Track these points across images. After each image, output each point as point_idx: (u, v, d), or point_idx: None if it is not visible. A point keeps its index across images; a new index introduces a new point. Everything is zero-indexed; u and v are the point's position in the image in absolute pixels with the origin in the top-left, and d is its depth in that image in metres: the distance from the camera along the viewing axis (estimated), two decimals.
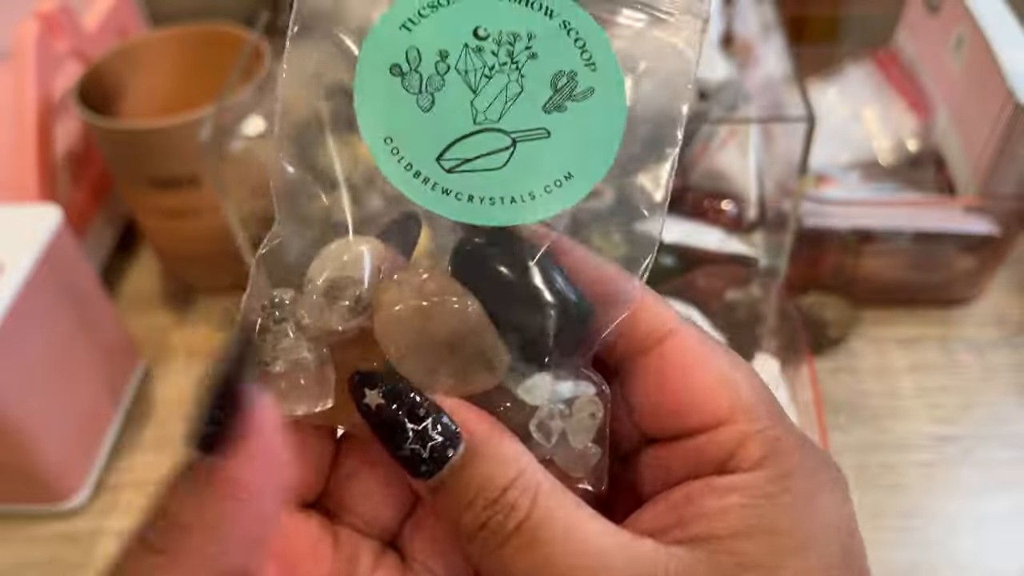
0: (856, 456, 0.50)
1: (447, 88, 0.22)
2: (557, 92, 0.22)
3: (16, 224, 0.48)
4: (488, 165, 0.22)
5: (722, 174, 0.57)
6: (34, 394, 0.46)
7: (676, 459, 0.21)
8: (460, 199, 0.22)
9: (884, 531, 0.47)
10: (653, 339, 0.22)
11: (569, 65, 0.22)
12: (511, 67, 0.22)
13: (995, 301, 0.59)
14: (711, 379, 0.21)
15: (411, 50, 0.21)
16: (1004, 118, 0.51)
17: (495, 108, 0.22)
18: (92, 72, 0.58)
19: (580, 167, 0.22)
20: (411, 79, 0.22)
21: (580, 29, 0.22)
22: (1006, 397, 0.53)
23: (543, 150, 0.22)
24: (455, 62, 0.22)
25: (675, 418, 0.21)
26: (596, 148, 0.22)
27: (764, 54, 0.59)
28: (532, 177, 0.22)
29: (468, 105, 0.22)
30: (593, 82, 0.22)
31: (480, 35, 0.21)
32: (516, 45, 0.22)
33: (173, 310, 0.64)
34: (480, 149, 0.22)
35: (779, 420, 0.21)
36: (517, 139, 0.22)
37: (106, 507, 0.51)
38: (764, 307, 0.53)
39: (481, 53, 0.22)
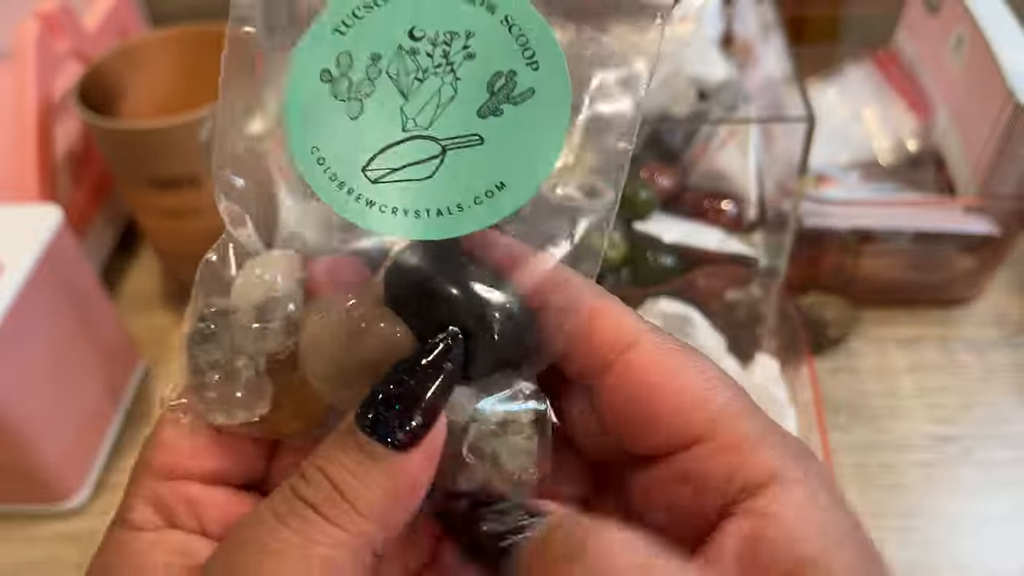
0: (856, 456, 0.51)
1: (376, 93, 0.20)
2: (494, 95, 0.20)
3: (16, 224, 0.48)
4: (415, 175, 0.20)
5: (722, 174, 0.57)
6: (34, 394, 0.46)
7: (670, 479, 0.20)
8: (384, 211, 0.21)
9: (884, 531, 0.47)
10: (614, 353, 0.20)
11: (508, 64, 0.20)
12: (446, 69, 0.20)
13: (995, 301, 0.59)
14: (683, 396, 0.20)
15: (343, 55, 0.20)
16: (1004, 118, 0.51)
17: (426, 114, 0.20)
18: (92, 72, 0.59)
19: (514, 176, 0.20)
20: (340, 85, 0.20)
21: (523, 24, 0.20)
22: (1006, 397, 0.53)
23: (474, 158, 0.20)
24: (386, 65, 0.20)
25: (650, 437, 0.20)
26: (533, 155, 0.20)
27: (764, 54, 0.59)
28: (460, 187, 0.20)
29: (398, 111, 0.20)
30: (534, 82, 0.20)
31: (415, 35, 0.20)
32: (453, 45, 0.20)
33: (173, 310, 0.64)
34: (408, 158, 0.20)
35: (757, 418, 0.20)
36: (447, 147, 0.20)
37: (106, 507, 0.51)
38: (764, 307, 0.53)
39: (416, 55, 0.20)
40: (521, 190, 0.21)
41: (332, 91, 0.20)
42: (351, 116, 0.20)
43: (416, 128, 0.20)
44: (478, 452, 0.20)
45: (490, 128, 0.20)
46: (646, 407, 0.20)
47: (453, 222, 0.21)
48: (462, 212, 0.20)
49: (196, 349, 0.21)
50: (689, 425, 0.20)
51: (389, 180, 0.21)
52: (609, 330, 0.20)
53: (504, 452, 0.21)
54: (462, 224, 0.21)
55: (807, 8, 0.72)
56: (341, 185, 0.21)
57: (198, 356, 0.21)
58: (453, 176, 0.20)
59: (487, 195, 0.20)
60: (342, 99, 0.20)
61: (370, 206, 0.21)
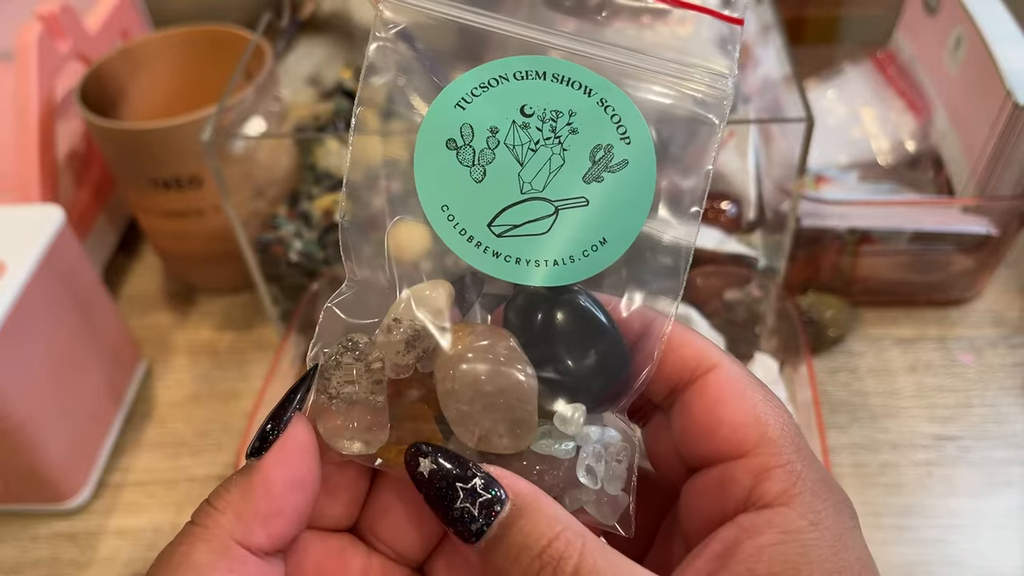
0: (855, 455, 0.51)
1: (497, 160, 0.24)
2: (595, 164, 0.24)
3: (18, 224, 0.48)
4: (534, 231, 0.24)
5: (721, 174, 0.57)
6: (36, 394, 0.47)
7: (707, 487, 0.23)
8: (509, 261, 0.24)
9: (883, 530, 0.47)
10: (698, 373, 0.23)
11: (606, 139, 0.24)
12: (554, 141, 0.24)
13: (993, 301, 0.59)
14: (743, 411, 0.22)
15: (464, 126, 0.24)
16: (1002, 118, 0.51)
17: (540, 178, 0.24)
18: (94, 73, 0.59)
19: (614, 232, 0.24)
20: (465, 153, 0.24)
21: (616, 106, 0.24)
22: (1004, 397, 0.53)
23: (582, 217, 0.24)
24: (504, 137, 0.24)
25: (704, 444, 0.23)
26: (628, 215, 0.24)
27: (763, 55, 0.59)
28: (571, 242, 0.24)
29: (516, 176, 0.24)
30: (627, 154, 0.24)
31: (526, 112, 0.24)
32: (559, 121, 0.24)
33: (174, 310, 0.64)
34: (527, 216, 0.24)
35: (803, 456, 0.22)
36: (559, 207, 0.24)
37: (107, 506, 0.51)
38: (763, 307, 0.53)
39: (527, 129, 0.24)
40: (619, 245, 0.24)
41: (458, 157, 0.24)
42: (476, 180, 0.24)
43: (532, 191, 0.24)
44: (592, 473, 0.23)
45: (593, 192, 0.24)
46: (712, 416, 0.23)
47: (567, 271, 0.24)
48: (575, 263, 0.24)
49: (328, 373, 0.23)
50: (742, 439, 0.22)
51: (512, 235, 0.24)
52: (697, 354, 0.24)
53: (606, 476, 0.23)
54: (574, 274, 0.24)
55: (806, 9, 0.72)
56: (470, 239, 0.24)
57: (329, 380, 0.23)
58: (565, 232, 0.24)
59: (592, 249, 0.24)
60: (466, 165, 0.24)
61: (496, 256, 0.24)
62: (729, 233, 0.56)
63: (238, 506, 0.21)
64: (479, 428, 0.22)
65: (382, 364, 0.23)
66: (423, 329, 0.23)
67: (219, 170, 0.49)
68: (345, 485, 0.24)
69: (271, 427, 0.22)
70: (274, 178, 0.58)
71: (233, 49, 0.59)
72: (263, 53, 0.57)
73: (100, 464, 0.53)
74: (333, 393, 0.23)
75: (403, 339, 0.23)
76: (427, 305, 0.23)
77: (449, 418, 0.23)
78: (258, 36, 0.57)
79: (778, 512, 0.21)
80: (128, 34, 0.68)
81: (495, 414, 0.22)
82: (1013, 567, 0.45)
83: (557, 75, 0.24)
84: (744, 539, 0.20)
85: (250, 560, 0.21)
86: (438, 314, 0.23)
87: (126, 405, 0.56)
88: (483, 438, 0.22)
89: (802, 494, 0.21)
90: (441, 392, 0.23)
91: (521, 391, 0.22)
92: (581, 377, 0.23)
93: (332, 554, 0.24)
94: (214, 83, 0.59)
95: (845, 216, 0.55)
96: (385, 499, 0.24)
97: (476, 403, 0.22)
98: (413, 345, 0.23)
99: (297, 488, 0.22)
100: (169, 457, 0.54)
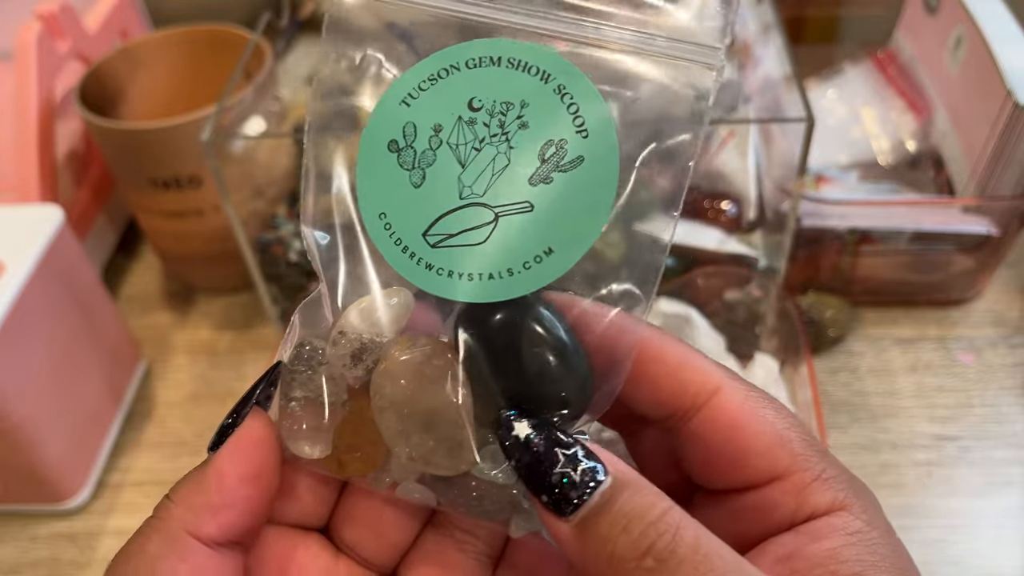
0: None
1: (438, 163, 0.22)
2: (544, 163, 0.21)
3: (18, 224, 0.48)
4: (470, 240, 0.22)
5: (721, 174, 0.57)
6: (35, 394, 0.46)
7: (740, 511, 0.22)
8: (441, 274, 0.22)
9: None
10: (702, 398, 0.22)
11: (559, 133, 0.21)
12: (500, 138, 0.22)
13: (993, 301, 0.59)
14: (765, 434, 0.22)
15: (408, 126, 0.22)
16: (1003, 118, 0.51)
17: (481, 182, 0.22)
18: (93, 73, 0.59)
19: (562, 241, 0.21)
20: (406, 155, 0.22)
21: (575, 93, 0.21)
22: (1004, 397, 0.53)
23: (525, 224, 0.21)
24: (447, 136, 0.22)
25: (732, 475, 0.22)
26: (581, 221, 0.21)
27: (763, 55, 0.59)
28: (512, 253, 0.21)
29: (455, 179, 0.22)
30: (583, 150, 0.21)
31: (474, 106, 0.22)
32: (508, 115, 0.21)
33: (174, 310, 0.64)
34: (463, 224, 0.22)
35: (829, 459, 0.22)
36: (500, 213, 0.21)
37: (107, 507, 0.51)
38: (763, 307, 0.53)
39: (473, 126, 0.22)
40: (567, 256, 0.21)
41: (399, 160, 0.22)
42: (415, 184, 0.22)
43: (472, 195, 0.22)
44: None
45: (540, 195, 0.21)
46: (736, 447, 0.22)
47: (504, 286, 0.21)
48: (512, 277, 0.21)
49: (288, 377, 0.22)
50: (774, 462, 0.21)
51: (447, 245, 0.22)
52: (698, 378, 0.22)
53: None
54: (512, 288, 0.21)
55: (806, 8, 0.72)
56: (405, 249, 0.22)
57: (289, 383, 0.22)
58: (505, 242, 0.21)
59: (536, 260, 0.21)
60: (407, 168, 0.22)
61: (429, 269, 0.22)
62: (729, 233, 0.56)
63: (191, 498, 0.21)
64: (414, 448, 0.21)
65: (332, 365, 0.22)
66: (369, 342, 0.22)
67: (218, 170, 0.49)
68: (311, 485, 0.24)
69: (230, 421, 0.22)
70: (274, 178, 0.58)
71: (233, 49, 0.59)
72: (263, 53, 0.57)
73: (99, 464, 0.53)
74: (291, 396, 0.22)
75: (348, 352, 0.22)
76: (370, 317, 0.22)
77: (384, 436, 0.22)
78: (258, 36, 0.57)
79: (837, 517, 0.21)
80: (127, 34, 0.68)
81: (429, 434, 0.21)
82: (1014, 567, 0.45)
83: (513, 60, 0.21)
84: (808, 543, 0.20)
85: (201, 551, 0.21)
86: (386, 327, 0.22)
87: (125, 405, 0.56)
88: (421, 458, 0.21)
89: (848, 497, 0.21)
90: (375, 409, 0.22)
91: (452, 411, 0.21)
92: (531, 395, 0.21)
93: (296, 551, 0.24)
94: (214, 83, 0.59)
95: (845, 216, 0.55)
96: (352, 503, 0.24)
97: (407, 422, 0.21)
98: (360, 358, 0.22)
99: (250, 481, 0.22)
100: (169, 457, 0.54)
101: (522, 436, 0.20)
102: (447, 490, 0.22)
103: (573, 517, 0.20)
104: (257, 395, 0.22)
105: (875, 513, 0.21)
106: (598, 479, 0.20)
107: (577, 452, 0.20)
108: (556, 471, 0.20)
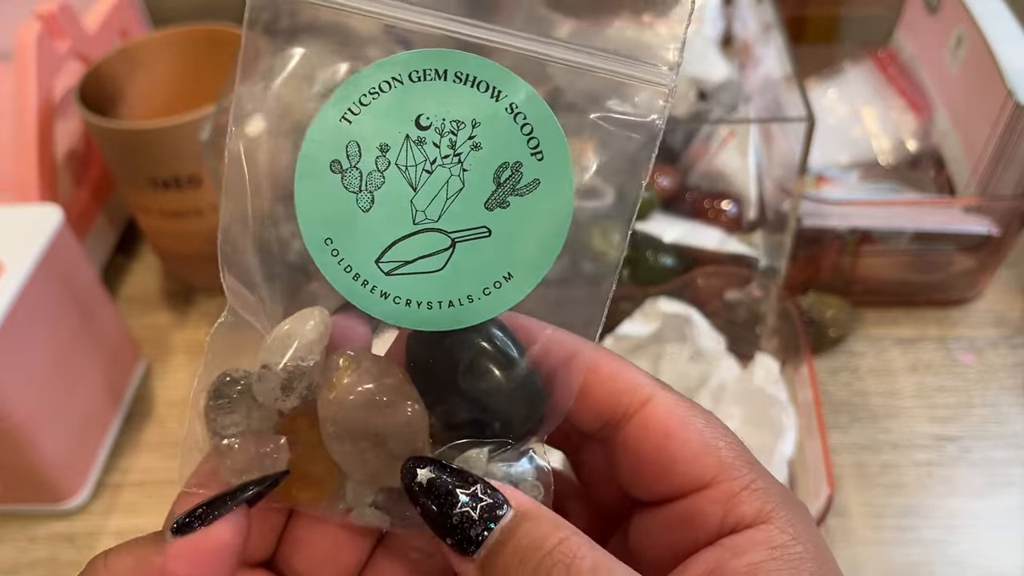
0: (856, 456, 0.51)
1: (387, 185, 0.20)
2: (500, 187, 0.21)
3: (17, 224, 0.48)
4: (426, 268, 0.21)
5: (722, 174, 0.57)
6: (35, 394, 0.46)
7: (670, 522, 0.22)
8: (398, 303, 0.21)
9: (883, 531, 0.47)
10: (633, 407, 0.22)
11: (514, 155, 0.20)
12: (453, 160, 0.20)
13: (994, 301, 0.59)
14: (693, 442, 0.21)
15: (351, 144, 0.20)
16: (1003, 118, 0.51)
17: (435, 206, 0.21)
18: (93, 72, 0.59)
19: (520, 266, 0.21)
20: (351, 176, 0.20)
21: (528, 112, 0.20)
22: (1005, 397, 0.53)
23: (482, 250, 0.21)
24: (396, 156, 0.20)
25: (660, 483, 0.22)
26: (538, 245, 0.21)
27: (764, 54, 0.59)
28: (470, 279, 0.21)
29: (408, 203, 0.21)
30: (539, 173, 0.20)
31: (422, 124, 0.20)
32: (459, 135, 0.20)
33: (173, 310, 0.64)
34: (419, 251, 0.21)
35: (759, 470, 0.22)
36: (456, 239, 0.21)
37: (106, 507, 0.51)
38: (764, 307, 0.53)
39: (423, 145, 0.20)
40: (527, 280, 0.21)
41: (343, 182, 0.21)
42: (363, 208, 0.21)
43: (426, 221, 0.21)
44: None
45: (497, 220, 0.21)
46: (664, 454, 0.22)
47: (463, 313, 0.21)
48: (472, 303, 0.21)
49: (214, 413, 0.21)
50: (701, 470, 0.21)
51: (402, 273, 0.21)
52: (628, 389, 0.22)
53: None
54: (472, 315, 0.21)
55: (807, 8, 0.72)
56: (356, 277, 0.21)
57: (216, 420, 0.21)
58: (463, 268, 0.21)
59: (495, 286, 0.21)
60: (352, 191, 0.21)
61: (385, 297, 0.21)
62: (730, 233, 0.56)
63: None
64: (371, 466, 0.21)
65: (264, 401, 0.21)
66: (295, 369, 0.21)
67: (218, 170, 0.49)
68: (258, 517, 0.22)
69: (202, 512, 0.20)
70: None
71: (232, 48, 0.59)
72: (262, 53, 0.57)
73: (99, 464, 0.52)
74: (222, 432, 0.21)
75: (276, 386, 0.21)
76: (290, 345, 0.21)
77: (339, 462, 0.21)
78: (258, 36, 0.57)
79: (760, 530, 0.20)
80: (127, 33, 0.68)
81: (386, 452, 0.21)
82: (1014, 567, 0.45)
83: (460, 74, 0.20)
84: (730, 559, 0.20)
85: None
86: (309, 350, 0.21)
87: (125, 405, 0.56)
88: (378, 474, 0.21)
89: (776, 509, 0.21)
90: (324, 435, 0.21)
91: (408, 432, 0.21)
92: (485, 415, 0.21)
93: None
94: (213, 82, 0.59)
95: (846, 216, 0.55)
96: (299, 532, 0.23)
97: (362, 443, 0.21)
98: (291, 387, 0.21)
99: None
100: (168, 457, 0.54)
101: (424, 481, 0.20)
102: (401, 509, 0.22)
103: (477, 556, 0.20)
104: (248, 496, 0.21)
105: (803, 527, 0.21)
106: (498, 514, 0.20)
107: (477, 490, 0.20)
108: (456, 511, 0.20)
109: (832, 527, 0.47)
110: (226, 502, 0.20)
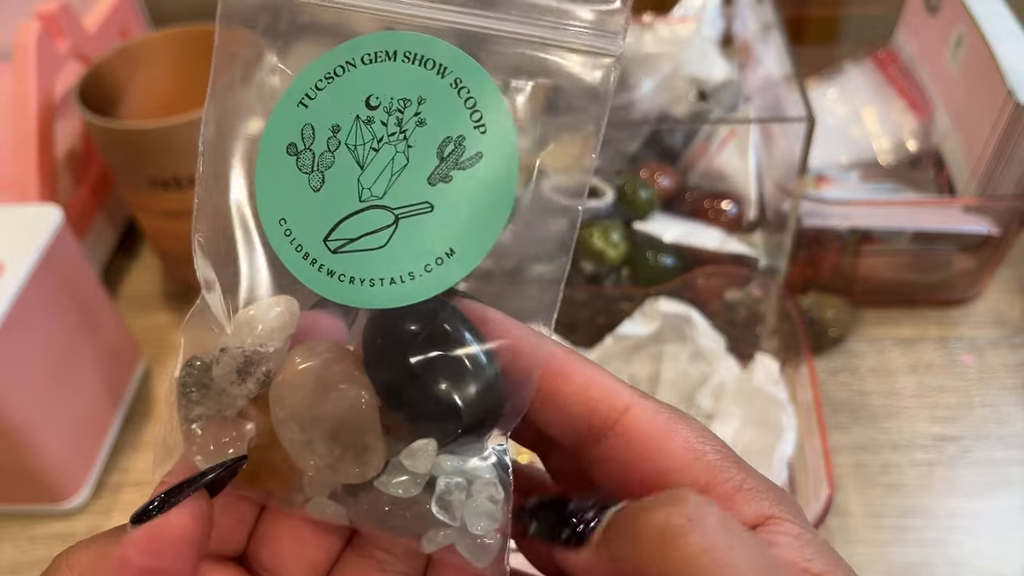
0: (856, 456, 0.51)
1: (336, 164, 0.21)
2: (443, 161, 0.21)
3: (17, 224, 0.48)
4: (370, 244, 0.21)
5: (722, 174, 0.57)
6: (34, 394, 0.46)
7: None
8: (343, 281, 0.21)
9: (883, 531, 0.47)
10: (612, 417, 0.21)
11: (458, 129, 0.21)
12: (398, 137, 0.21)
13: (994, 301, 0.59)
14: (679, 452, 0.21)
15: (306, 127, 0.21)
16: (1004, 118, 0.51)
17: (380, 183, 0.21)
18: (93, 72, 0.59)
19: (463, 242, 0.21)
20: (304, 158, 0.21)
21: (472, 87, 0.21)
22: (1005, 397, 0.53)
23: (425, 226, 0.21)
24: (346, 136, 0.21)
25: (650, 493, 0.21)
26: (481, 220, 0.21)
27: (764, 54, 0.59)
28: (412, 256, 0.21)
29: (355, 182, 0.21)
30: (482, 146, 0.21)
31: (371, 104, 0.21)
32: (406, 112, 0.21)
33: (174, 310, 0.64)
34: (364, 228, 0.21)
35: (747, 470, 0.21)
36: (400, 215, 0.21)
37: (106, 507, 0.51)
38: (764, 307, 0.53)
39: (371, 124, 0.21)
40: (469, 257, 0.21)
41: (298, 164, 0.21)
42: (314, 188, 0.21)
43: (372, 198, 0.21)
44: (446, 506, 0.21)
45: (439, 195, 0.21)
46: (650, 466, 0.21)
47: (407, 290, 0.21)
48: (414, 280, 0.21)
49: (183, 399, 0.21)
50: (692, 478, 0.21)
51: (347, 250, 0.21)
52: (605, 398, 0.21)
53: (468, 513, 0.21)
54: (416, 292, 0.21)
55: (807, 8, 0.72)
56: (306, 256, 0.21)
57: (186, 406, 0.21)
58: (405, 245, 0.21)
59: (437, 263, 0.21)
60: (306, 172, 0.21)
61: (330, 276, 0.21)
62: (730, 233, 0.56)
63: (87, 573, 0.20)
64: (320, 458, 0.20)
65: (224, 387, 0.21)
66: (253, 353, 0.21)
67: None
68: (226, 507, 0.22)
69: (160, 500, 0.19)
70: None
71: None
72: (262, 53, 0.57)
73: (99, 465, 0.52)
74: (190, 417, 0.21)
75: (232, 369, 0.21)
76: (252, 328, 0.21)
77: (288, 449, 0.21)
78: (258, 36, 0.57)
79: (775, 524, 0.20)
80: (127, 33, 0.68)
81: (336, 442, 0.20)
82: (1014, 567, 0.45)
83: (409, 54, 0.21)
84: None
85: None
86: (270, 336, 0.21)
87: (125, 405, 0.56)
88: (328, 467, 0.20)
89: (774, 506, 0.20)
90: (274, 421, 0.21)
91: (357, 416, 0.20)
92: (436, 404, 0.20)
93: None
94: None
95: (846, 216, 0.55)
96: (268, 527, 0.23)
97: (311, 431, 0.20)
98: (247, 372, 0.21)
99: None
100: None
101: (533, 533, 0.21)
102: (357, 504, 0.21)
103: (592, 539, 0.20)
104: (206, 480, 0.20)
105: (805, 519, 0.20)
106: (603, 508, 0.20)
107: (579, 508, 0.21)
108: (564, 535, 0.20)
109: (832, 527, 0.47)
110: (184, 488, 0.20)
